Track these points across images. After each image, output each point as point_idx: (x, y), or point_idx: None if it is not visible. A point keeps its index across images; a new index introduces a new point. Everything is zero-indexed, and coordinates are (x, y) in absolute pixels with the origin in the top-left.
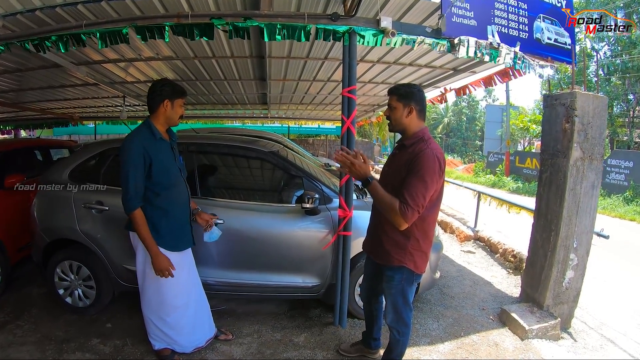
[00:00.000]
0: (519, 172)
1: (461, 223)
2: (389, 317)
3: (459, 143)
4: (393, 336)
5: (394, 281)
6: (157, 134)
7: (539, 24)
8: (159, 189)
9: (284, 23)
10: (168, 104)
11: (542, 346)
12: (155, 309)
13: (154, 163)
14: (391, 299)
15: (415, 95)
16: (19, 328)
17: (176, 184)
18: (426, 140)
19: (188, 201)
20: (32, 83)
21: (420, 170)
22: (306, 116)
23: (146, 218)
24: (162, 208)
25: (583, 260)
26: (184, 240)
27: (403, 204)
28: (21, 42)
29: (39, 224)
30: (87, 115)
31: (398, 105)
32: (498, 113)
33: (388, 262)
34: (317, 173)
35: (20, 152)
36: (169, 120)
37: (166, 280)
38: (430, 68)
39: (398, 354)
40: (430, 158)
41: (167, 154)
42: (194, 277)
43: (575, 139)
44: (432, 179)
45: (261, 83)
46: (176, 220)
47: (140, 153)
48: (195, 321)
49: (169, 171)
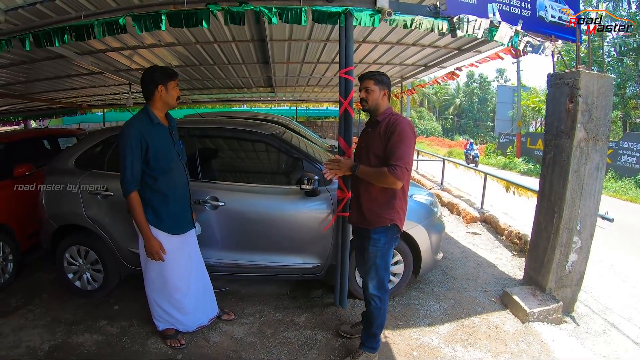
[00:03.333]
0: (530, 153)
1: (467, 204)
2: (371, 285)
3: (470, 124)
4: (375, 304)
5: (379, 243)
6: (154, 119)
7: (542, 2)
8: (157, 173)
9: (279, 6)
10: (162, 89)
11: (543, 329)
12: (158, 290)
13: (150, 147)
14: (375, 265)
15: (388, 80)
16: (30, 312)
17: (174, 168)
18: (395, 114)
19: (187, 185)
20: (40, 74)
21: (400, 134)
22: (313, 98)
23: (146, 202)
24: (162, 192)
25: (587, 244)
26: (184, 223)
27: (393, 167)
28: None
29: (47, 211)
30: (95, 103)
31: (375, 88)
32: (509, 94)
33: (380, 223)
34: (318, 155)
35: (29, 141)
36: (167, 104)
37: (168, 262)
38: (435, 48)
39: (379, 325)
40: (405, 124)
41: (165, 139)
42: (196, 259)
43: (579, 119)
44: (410, 138)
45: (265, 66)
46: (176, 204)
47: (137, 138)
48: (197, 301)
49: (167, 155)
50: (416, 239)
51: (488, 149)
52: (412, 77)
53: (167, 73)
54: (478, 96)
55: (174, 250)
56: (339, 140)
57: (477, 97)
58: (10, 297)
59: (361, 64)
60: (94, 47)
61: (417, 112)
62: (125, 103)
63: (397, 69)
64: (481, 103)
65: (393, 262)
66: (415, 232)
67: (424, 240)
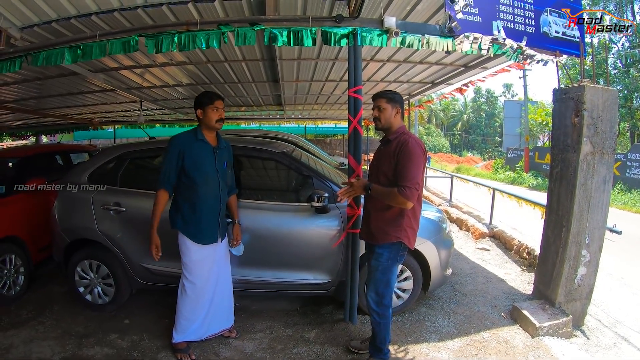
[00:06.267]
0: (538, 168)
1: (476, 220)
2: (370, 299)
3: (478, 140)
4: (373, 319)
5: (382, 258)
6: (199, 136)
7: (545, 18)
8: (191, 182)
9: (289, 27)
10: (200, 112)
11: (553, 343)
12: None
13: (187, 158)
14: (374, 279)
15: (400, 99)
16: (41, 324)
17: (209, 182)
18: (407, 133)
19: (219, 201)
20: (52, 90)
21: (408, 154)
22: (322, 116)
23: (177, 207)
24: (192, 201)
25: (595, 257)
26: (209, 235)
27: (402, 188)
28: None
29: (60, 225)
30: (106, 119)
31: (387, 106)
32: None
33: (385, 240)
34: (328, 172)
35: (42, 156)
36: (207, 126)
37: (192, 269)
38: (441, 65)
39: (381, 340)
40: (414, 144)
41: (205, 155)
42: (221, 272)
43: (584, 133)
44: (419, 157)
45: (274, 84)
46: (202, 215)
47: (176, 148)
48: (214, 312)
49: (202, 169)
50: (425, 255)
51: (496, 164)
52: (420, 94)
53: (206, 98)
54: (485, 111)
55: (198, 260)
56: (348, 158)
57: (484, 113)
58: (21, 309)
59: (369, 81)
60: (106, 64)
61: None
62: (137, 120)
63: (405, 86)
64: (489, 118)
65: (402, 278)
66: (424, 248)
67: (433, 256)
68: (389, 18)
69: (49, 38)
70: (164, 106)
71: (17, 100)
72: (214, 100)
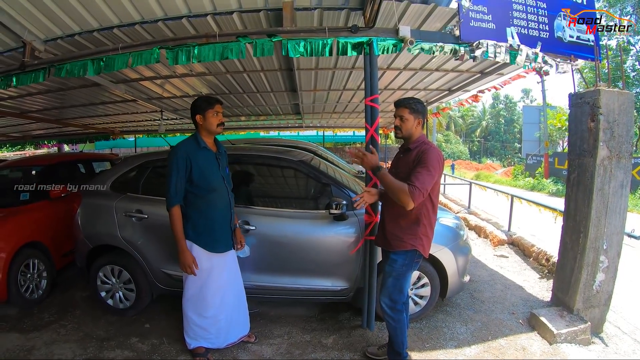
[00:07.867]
0: (558, 173)
1: (495, 227)
2: (383, 304)
3: (497, 146)
4: (389, 325)
5: (396, 264)
6: (201, 144)
7: (559, 23)
8: (199, 191)
9: (305, 38)
10: (199, 117)
11: (571, 351)
12: (194, 306)
13: (194, 168)
14: (388, 285)
15: (423, 109)
16: (63, 327)
17: (217, 189)
18: (427, 142)
19: (228, 208)
20: (74, 100)
21: (426, 162)
22: (340, 124)
23: (187, 218)
24: (202, 210)
25: (614, 263)
26: (222, 243)
27: (412, 186)
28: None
29: (83, 231)
30: (127, 129)
31: (410, 117)
32: (535, 114)
33: (399, 247)
34: (346, 180)
35: (65, 165)
36: (208, 131)
37: (205, 278)
38: (458, 72)
39: (399, 345)
40: (434, 153)
41: (210, 162)
42: (234, 279)
43: (601, 138)
44: (435, 169)
45: (293, 94)
46: (215, 223)
47: (183, 158)
48: (229, 320)
49: (209, 177)
50: (443, 262)
51: (516, 170)
52: (437, 102)
53: (205, 102)
54: (504, 117)
55: (210, 268)
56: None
57: (503, 119)
58: (43, 312)
59: (386, 90)
60: (127, 76)
61: (443, 135)
62: (158, 129)
63: (422, 93)
64: (508, 124)
65: (420, 285)
66: (442, 255)
67: (451, 262)
68: (404, 27)
69: (72, 50)
70: (184, 116)
71: (41, 110)
72: (213, 104)
